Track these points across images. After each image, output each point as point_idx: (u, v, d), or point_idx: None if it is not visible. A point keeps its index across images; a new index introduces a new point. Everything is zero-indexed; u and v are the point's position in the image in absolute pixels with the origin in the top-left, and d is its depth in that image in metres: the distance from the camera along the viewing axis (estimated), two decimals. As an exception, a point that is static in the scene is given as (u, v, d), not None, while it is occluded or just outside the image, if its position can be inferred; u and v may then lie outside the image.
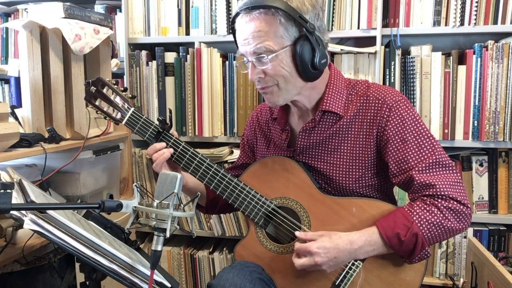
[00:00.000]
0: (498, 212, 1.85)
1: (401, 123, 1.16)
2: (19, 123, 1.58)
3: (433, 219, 1.10)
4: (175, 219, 0.92)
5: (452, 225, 1.11)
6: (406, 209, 1.13)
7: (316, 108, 1.25)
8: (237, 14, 1.16)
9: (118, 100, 1.32)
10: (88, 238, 0.90)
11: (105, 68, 1.86)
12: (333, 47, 1.83)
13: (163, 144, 1.28)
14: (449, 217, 1.10)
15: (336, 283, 1.18)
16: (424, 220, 1.10)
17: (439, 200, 1.11)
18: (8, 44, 2.31)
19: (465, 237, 1.84)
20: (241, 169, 1.47)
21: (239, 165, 1.49)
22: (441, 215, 1.10)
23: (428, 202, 1.11)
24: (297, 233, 1.16)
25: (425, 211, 1.11)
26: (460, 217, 1.12)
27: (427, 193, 1.12)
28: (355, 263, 1.17)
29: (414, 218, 1.10)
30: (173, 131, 1.31)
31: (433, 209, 1.10)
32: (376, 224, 1.13)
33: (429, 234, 1.10)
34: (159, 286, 0.94)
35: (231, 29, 1.21)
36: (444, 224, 1.10)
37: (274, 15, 1.10)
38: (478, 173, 1.85)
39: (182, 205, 0.94)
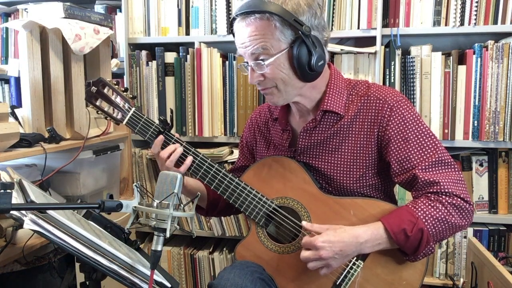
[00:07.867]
0: (498, 212, 1.85)
1: (402, 123, 1.17)
2: (19, 123, 1.58)
3: (437, 215, 1.10)
4: (175, 219, 0.92)
5: (456, 221, 1.12)
6: (410, 206, 1.13)
7: (317, 108, 1.25)
8: (234, 19, 1.17)
9: (118, 100, 1.32)
10: (88, 238, 0.90)
11: (105, 68, 1.86)
12: (333, 47, 1.83)
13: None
14: (453, 213, 1.11)
15: (337, 283, 1.18)
16: (430, 215, 1.10)
17: (443, 197, 1.11)
18: (8, 44, 2.30)
19: (465, 237, 1.84)
20: (240, 171, 1.46)
21: (238, 168, 1.49)
22: (446, 210, 1.10)
23: (432, 198, 1.12)
24: (303, 223, 1.17)
25: (429, 207, 1.11)
26: (463, 213, 1.12)
27: (431, 190, 1.13)
28: (356, 262, 1.17)
29: (419, 214, 1.10)
30: (174, 132, 1.31)
31: (437, 205, 1.11)
32: (382, 220, 1.13)
33: (433, 230, 1.10)
34: (159, 286, 0.94)
35: (231, 32, 1.22)
36: (448, 220, 1.11)
37: (269, 20, 1.10)
38: (478, 173, 1.85)
39: (182, 205, 0.94)
